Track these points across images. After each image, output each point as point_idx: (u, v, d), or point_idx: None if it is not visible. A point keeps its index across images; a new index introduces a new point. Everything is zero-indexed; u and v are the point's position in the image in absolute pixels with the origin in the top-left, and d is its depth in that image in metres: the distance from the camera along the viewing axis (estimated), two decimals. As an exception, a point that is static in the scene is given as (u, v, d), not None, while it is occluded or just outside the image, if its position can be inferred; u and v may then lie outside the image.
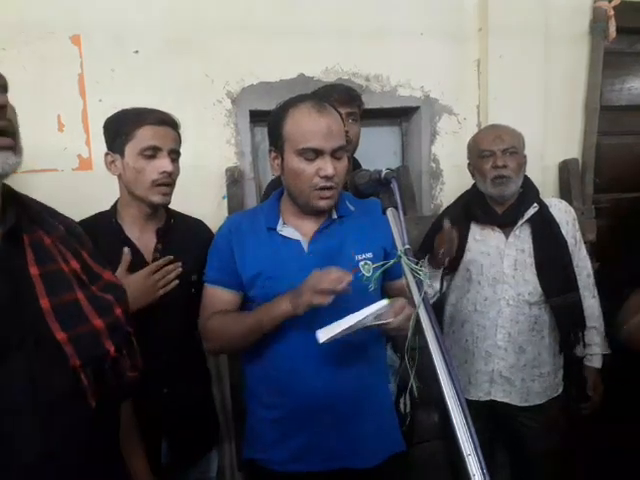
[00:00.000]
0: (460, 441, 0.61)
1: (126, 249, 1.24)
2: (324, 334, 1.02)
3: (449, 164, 2.21)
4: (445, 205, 2.01)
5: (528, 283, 1.60)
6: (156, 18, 1.83)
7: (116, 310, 0.79)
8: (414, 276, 0.78)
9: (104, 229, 1.26)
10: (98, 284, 0.80)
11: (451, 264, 1.62)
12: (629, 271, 1.40)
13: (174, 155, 1.27)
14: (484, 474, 0.59)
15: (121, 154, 1.24)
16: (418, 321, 0.74)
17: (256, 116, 2.00)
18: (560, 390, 1.70)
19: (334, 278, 1.01)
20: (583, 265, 1.68)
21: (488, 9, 2.07)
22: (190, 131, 1.40)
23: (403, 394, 1.46)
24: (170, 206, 1.36)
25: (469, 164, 1.69)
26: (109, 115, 1.29)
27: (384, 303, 1.01)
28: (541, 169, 2.14)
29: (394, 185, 0.89)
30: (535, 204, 1.61)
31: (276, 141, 1.16)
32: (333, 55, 2.02)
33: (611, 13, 2.14)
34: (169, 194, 1.28)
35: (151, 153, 1.22)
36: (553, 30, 2.14)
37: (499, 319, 1.61)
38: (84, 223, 1.15)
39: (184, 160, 1.32)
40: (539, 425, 1.65)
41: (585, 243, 1.74)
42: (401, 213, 0.87)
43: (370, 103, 1.91)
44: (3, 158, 0.66)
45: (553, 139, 2.20)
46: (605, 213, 2.31)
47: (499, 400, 1.65)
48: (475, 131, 2.01)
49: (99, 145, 1.39)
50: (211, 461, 1.50)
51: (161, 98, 1.59)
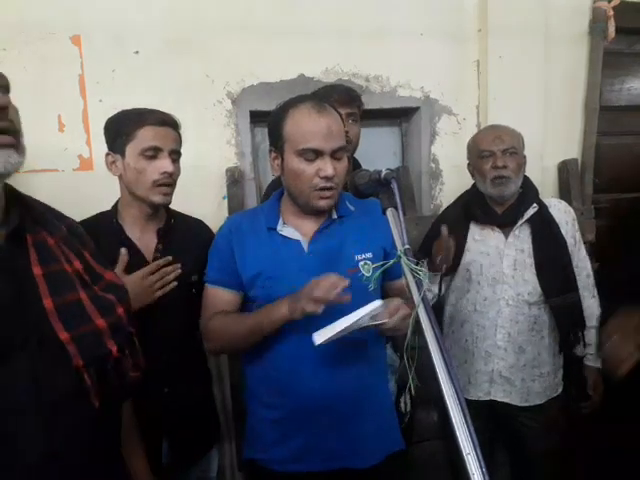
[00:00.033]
0: (459, 440, 0.61)
1: (123, 250, 1.23)
2: (320, 336, 1.02)
3: (449, 164, 2.21)
4: (445, 205, 2.01)
5: (528, 283, 1.60)
6: (156, 18, 1.84)
7: (118, 310, 0.79)
8: (414, 276, 0.78)
9: (105, 229, 1.26)
10: (100, 284, 0.80)
11: (451, 267, 1.63)
12: (629, 271, 1.40)
13: (175, 155, 1.27)
14: (483, 473, 0.59)
15: (122, 154, 1.24)
16: (417, 321, 0.74)
17: (256, 116, 2.00)
18: (560, 390, 1.70)
19: (327, 285, 1.00)
20: (583, 265, 1.68)
21: (488, 9, 2.07)
22: (190, 131, 1.40)
23: (403, 393, 1.46)
24: (170, 206, 1.37)
25: (469, 164, 1.70)
26: (109, 115, 1.29)
27: (378, 303, 1.01)
28: (541, 169, 2.14)
29: (394, 185, 0.89)
30: (535, 204, 1.61)
31: (276, 141, 1.17)
32: (333, 55, 2.02)
33: (610, 13, 2.15)
34: (170, 194, 1.28)
35: (152, 153, 1.23)
36: (552, 30, 2.14)
37: (499, 319, 1.62)
38: (85, 223, 1.15)
39: (184, 160, 1.32)
40: (539, 425, 1.65)
41: (584, 243, 1.74)
42: (401, 213, 0.87)
43: (370, 103, 1.91)
44: (4, 156, 0.66)
45: (552, 139, 2.20)
46: (604, 213, 2.31)
47: (499, 400, 1.65)
48: (475, 131, 2.02)
49: (100, 145, 1.39)
50: (211, 461, 1.50)
51: (161, 98, 1.59)
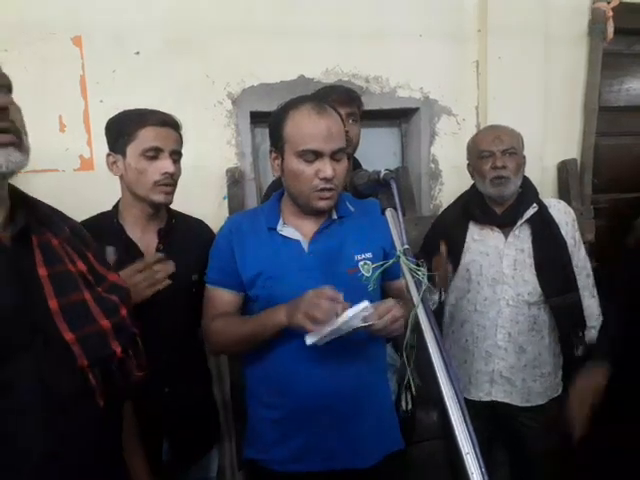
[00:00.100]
0: (459, 440, 0.61)
1: (110, 248, 1.21)
2: (311, 336, 1.04)
3: (448, 165, 2.21)
4: (444, 206, 2.02)
5: (527, 283, 1.60)
6: (156, 19, 1.84)
7: (122, 311, 0.80)
8: (413, 276, 0.78)
9: (106, 229, 1.26)
10: (103, 285, 0.80)
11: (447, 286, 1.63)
12: (629, 271, 1.40)
13: (176, 156, 1.28)
14: (483, 473, 0.59)
15: (123, 155, 1.24)
16: (417, 321, 0.74)
17: (256, 117, 2.00)
18: (560, 390, 1.70)
19: (326, 308, 0.99)
20: (582, 265, 1.68)
21: (487, 10, 2.07)
22: (191, 132, 1.40)
23: (404, 392, 1.46)
24: (171, 206, 1.37)
25: (468, 165, 1.70)
26: (110, 116, 1.29)
27: (364, 305, 1.01)
28: (540, 169, 2.14)
29: (393, 186, 0.89)
30: (534, 204, 1.61)
31: (276, 142, 1.17)
32: (333, 56, 2.02)
33: (610, 14, 2.15)
34: (171, 194, 1.28)
35: (153, 154, 1.23)
36: (552, 31, 2.15)
37: (499, 319, 1.62)
38: (86, 223, 1.15)
39: (185, 161, 1.32)
40: (539, 425, 1.65)
41: (584, 243, 1.74)
42: (400, 213, 0.87)
43: (370, 104, 1.91)
44: (5, 155, 0.66)
45: (552, 140, 2.21)
46: (604, 213, 2.32)
47: (500, 400, 1.65)
48: (474, 132, 2.02)
49: (100, 145, 1.39)
50: (211, 461, 1.50)
51: (162, 99, 1.60)
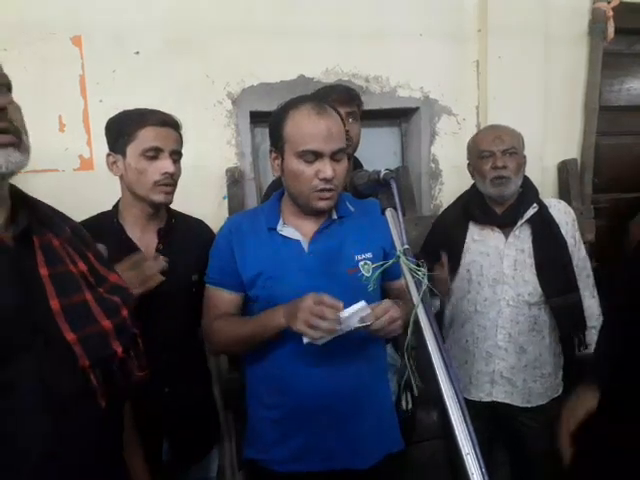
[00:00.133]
0: (459, 440, 0.61)
1: (100, 246, 1.22)
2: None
3: (448, 164, 2.21)
4: (445, 205, 2.02)
5: (528, 283, 1.59)
6: (156, 19, 1.84)
7: (123, 311, 0.80)
8: (413, 276, 0.78)
9: (106, 229, 1.26)
10: (104, 286, 0.80)
11: (451, 268, 1.63)
12: (629, 272, 1.40)
13: (176, 156, 1.27)
14: (483, 473, 0.59)
15: (123, 155, 1.24)
16: (416, 321, 0.74)
17: (256, 117, 2.00)
18: (560, 390, 1.70)
19: (331, 319, 1.00)
20: (582, 265, 1.67)
21: (487, 10, 2.07)
22: (190, 132, 1.40)
23: (404, 392, 1.46)
24: (171, 206, 1.37)
25: (469, 164, 1.69)
26: (110, 116, 1.29)
27: (361, 305, 1.02)
28: (540, 169, 2.14)
29: (393, 185, 0.89)
30: (535, 204, 1.61)
31: (276, 142, 1.17)
32: (333, 56, 2.02)
33: (610, 14, 2.15)
34: (171, 193, 1.28)
35: (153, 154, 1.22)
36: (552, 31, 2.15)
37: (499, 319, 1.61)
38: (86, 223, 1.15)
39: (184, 161, 1.32)
40: (539, 425, 1.65)
41: (584, 243, 1.74)
42: (400, 213, 0.87)
43: (370, 104, 1.91)
44: (5, 156, 0.66)
45: (552, 139, 2.21)
46: (604, 213, 2.32)
47: (500, 401, 1.64)
48: (474, 132, 2.02)
49: (100, 145, 1.39)
50: (211, 461, 1.50)
51: (161, 99, 1.60)
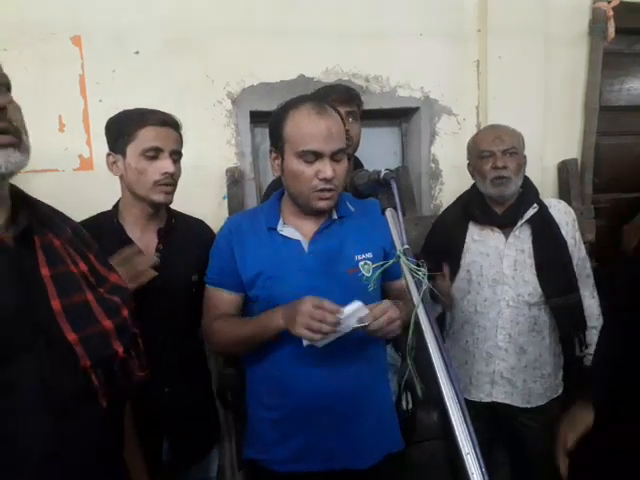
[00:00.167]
0: (459, 440, 0.61)
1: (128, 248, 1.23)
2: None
3: (449, 164, 2.21)
4: (445, 206, 2.01)
5: (528, 284, 1.59)
6: (156, 19, 1.84)
7: (123, 311, 0.80)
8: (413, 276, 0.78)
9: (106, 229, 1.26)
10: (105, 286, 0.80)
11: (451, 269, 1.63)
12: (629, 272, 1.40)
13: (176, 156, 1.27)
14: (483, 473, 0.59)
15: (123, 155, 1.24)
16: (417, 321, 0.74)
17: (256, 117, 2.00)
18: (560, 391, 1.70)
19: (331, 321, 1.00)
20: (582, 265, 1.67)
21: (487, 10, 2.07)
22: (190, 132, 1.40)
23: (405, 392, 1.45)
24: (171, 206, 1.37)
25: (469, 164, 1.69)
26: (110, 115, 1.29)
27: (357, 305, 1.02)
28: (540, 169, 2.14)
29: (393, 185, 0.89)
30: (535, 205, 1.61)
31: (276, 142, 1.17)
32: (333, 56, 2.02)
33: (610, 14, 2.15)
34: (171, 193, 1.28)
35: (153, 154, 1.22)
36: (552, 31, 2.15)
37: (499, 320, 1.61)
38: (86, 223, 1.15)
39: (184, 160, 1.32)
40: (539, 425, 1.64)
41: (584, 243, 1.74)
42: (400, 213, 0.87)
43: (370, 104, 1.91)
44: (4, 156, 0.66)
45: (552, 139, 2.21)
46: (604, 213, 2.31)
47: (500, 402, 1.64)
48: (474, 132, 2.02)
49: (100, 145, 1.39)
50: (211, 461, 1.50)
51: (161, 99, 1.60)
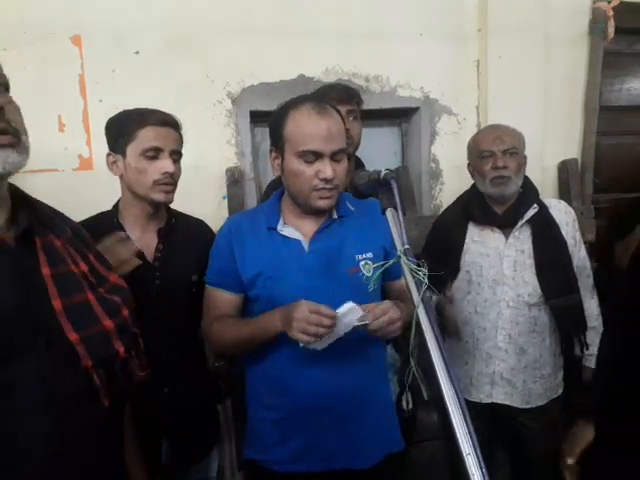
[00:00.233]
0: (459, 441, 0.61)
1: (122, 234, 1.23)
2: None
3: (449, 164, 2.21)
4: (445, 205, 2.01)
5: (528, 284, 1.59)
6: (156, 18, 1.84)
7: (124, 311, 0.80)
8: (413, 276, 0.78)
9: (105, 229, 1.25)
10: (105, 286, 0.80)
11: (451, 270, 1.63)
12: (630, 272, 1.40)
13: (176, 156, 1.27)
14: (483, 474, 0.59)
15: (123, 154, 1.24)
16: (417, 321, 0.74)
17: (256, 116, 2.00)
18: (560, 391, 1.69)
19: (329, 323, 1.01)
20: (582, 266, 1.67)
21: (488, 9, 2.07)
22: (190, 131, 1.40)
23: (405, 392, 1.45)
24: (171, 206, 1.37)
25: (469, 164, 1.69)
26: (110, 115, 1.29)
27: (349, 306, 1.03)
28: (540, 169, 2.14)
29: (393, 185, 0.89)
30: (535, 205, 1.60)
31: (277, 142, 1.17)
32: (333, 56, 2.02)
33: (610, 14, 2.15)
34: (171, 192, 1.28)
35: (153, 154, 1.22)
36: (552, 30, 2.15)
37: (499, 321, 1.61)
38: (85, 223, 1.15)
39: (184, 160, 1.32)
40: (539, 425, 1.64)
41: (584, 243, 1.74)
42: (400, 213, 0.87)
43: (370, 104, 1.91)
44: (2, 157, 0.66)
45: (552, 139, 2.20)
46: (604, 213, 2.31)
47: (500, 402, 1.64)
48: (475, 131, 2.01)
49: (100, 145, 1.39)
50: (211, 461, 1.50)
51: (161, 98, 1.60)
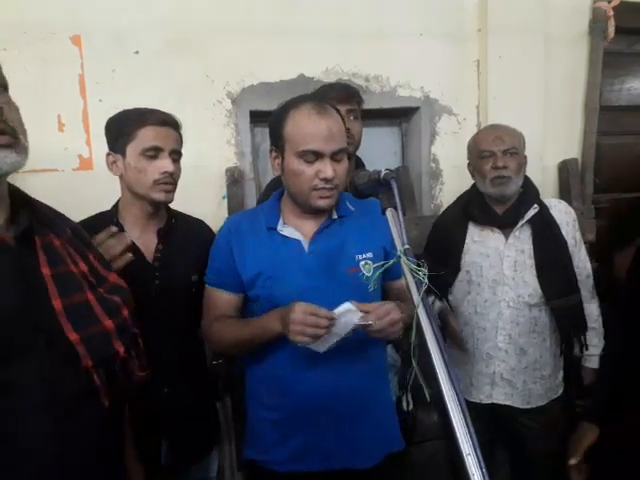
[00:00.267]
0: (459, 441, 0.61)
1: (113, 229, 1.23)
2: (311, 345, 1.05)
3: (449, 164, 2.21)
4: (445, 205, 2.01)
5: (528, 285, 1.58)
6: (156, 18, 1.84)
7: (123, 311, 0.80)
8: (413, 276, 0.78)
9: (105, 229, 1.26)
10: (104, 286, 0.80)
11: (451, 270, 1.62)
12: (630, 273, 1.40)
13: (175, 155, 1.27)
14: (483, 474, 0.59)
15: (123, 154, 1.24)
16: (417, 321, 0.74)
17: (256, 116, 2.00)
18: (560, 391, 1.69)
19: (326, 324, 1.02)
20: (583, 266, 1.67)
21: (488, 9, 2.07)
22: (190, 131, 1.40)
23: (405, 392, 1.45)
24: (170, 206, 1.37)
25: (469, 164, 1.69)
26: (109, 115, 1.29)
27: (346, 307, 1.03)
28: (541, 169, 2.14)
29: (393, 185, 0.89)
30: (535, 205, 1.60)
31: (277, 141, 1.16)
32: (333, 56, 2.02)
33: (610, 13, 2.15)
34: (171, 192, 1.28)
35: (153, 153, 1.22)
36: (552, 30, 2.15)
37: (499, 321, 1.60)
38: (85, 223, 1.15)
39: (184, 160, 1.32)
40: (539, 426, 1.64)
41: (585, 243, 1.73)
42: (400, 213, 0.87)
43: (370, 103, 1.91)
44: (1, 157, 0.67)
45: (553, 139, 2.20)
46: (605, 213, 2.31)
47: (501, 403, 1.64)
48: (475, 131, 2.02)
49: (99, 145, 1.39)
50: (211, 461, 1.50)
51: (161, 98, 1.60)
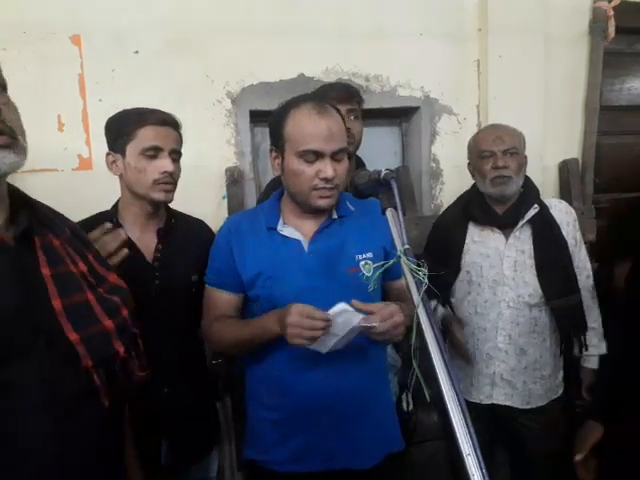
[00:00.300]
0: (459, 441, 0.61)
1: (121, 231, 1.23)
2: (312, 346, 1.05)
3: (449, 164, 2.21)
4: (445, 205, 2.01)
5: (528, 285, 1.58)
6: (156, 18, 1.84)
7: (123, 311, 0.80)
8: (413, 276, 0.78)
9: None
10: (104, 286, 0.80)
11: (451, 270, 1.62)
12: (628, 282, 1.39)
13: (175, 155, 1.27)
14: (483, 474, 0.59)
15: (122, 154, 1.24)
16: (417, 322, 0.74)
17: (256, 116, 2.00)
18: (560, 391, 1.69)
19: (322, 325, 1.01)
20: (583, 266, 1.67)
21: (488, 9, 2.07)
22: (190, 131, 1.40)
23: (405, 393, 1.45)
24: (170, 206, 1.37)
25: (469, 164, 1.69)
26: (109, 115, 1.29)
27: (341, 306, 1.03)
28: (541, 169, 2.14)
29: (393, 185, 0.89)
30: (536, 205, 1.60)
31: (277, 141, 1.16)
32: (333, 55, 2.02)
33: (611, 13, 2.15)
34: (171, 192, 1.27)
35: (152, 153, 1.22)
36: (553, 30, 2.14)
37: (499, 321, 1.60)
38: (85, 223, 1.15)
39: (184, 160, 1.32)
40: (539, 426, 1.64)
41: (585, 243, 1.73)
42: (400, 213, 0.87)
43: (370, 103, 1.91)
44: None
45: (553, 139, 2.20)
46: (605, 213, 2.31)
47: (501, 403, 1.63)
48: (475, 131, 2.01)
49: (99, 145, 1.39)
50: (211, 461, 1.50)
51: (161, 98, 1.60)
